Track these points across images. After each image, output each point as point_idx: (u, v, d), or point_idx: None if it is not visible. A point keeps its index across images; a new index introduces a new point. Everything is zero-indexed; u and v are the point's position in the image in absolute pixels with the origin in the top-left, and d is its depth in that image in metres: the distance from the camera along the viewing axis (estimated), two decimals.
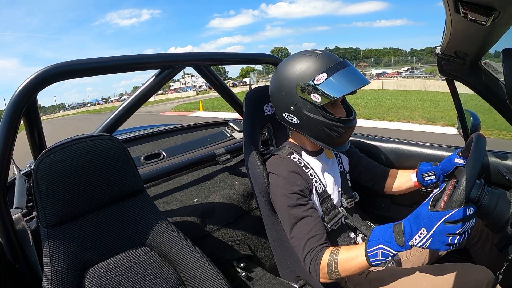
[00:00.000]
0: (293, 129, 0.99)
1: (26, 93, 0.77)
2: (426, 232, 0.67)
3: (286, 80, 0.92)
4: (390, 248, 0.72)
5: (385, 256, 0.73)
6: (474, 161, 0.79)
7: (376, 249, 0.74)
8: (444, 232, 0.65)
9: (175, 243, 0.83)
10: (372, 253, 0.75)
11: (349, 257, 0.80)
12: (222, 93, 1.44)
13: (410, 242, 0.69)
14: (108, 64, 0.92)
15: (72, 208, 0.73)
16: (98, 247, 0.76)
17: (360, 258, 0.77)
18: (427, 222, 0.67)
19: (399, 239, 0.71)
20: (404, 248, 0.70)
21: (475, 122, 1.14)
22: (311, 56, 0.91)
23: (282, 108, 0.96)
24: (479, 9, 0.61)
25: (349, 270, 0.80)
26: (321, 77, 0.86)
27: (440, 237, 0.65)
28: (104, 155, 0.77)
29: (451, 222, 0.65)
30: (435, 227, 0.66)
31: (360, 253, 0.77)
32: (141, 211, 0.84)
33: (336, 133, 0.92)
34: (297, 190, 0.92)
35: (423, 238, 0.67)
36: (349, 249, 0.82)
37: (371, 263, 0.75)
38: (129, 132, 2.21)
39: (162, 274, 0.78)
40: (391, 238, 0.72)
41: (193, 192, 1.28)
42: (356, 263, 0.78)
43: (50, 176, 0.70)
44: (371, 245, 0.75)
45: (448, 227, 0.65)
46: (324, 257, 0.84)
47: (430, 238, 0.66)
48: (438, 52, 1.04)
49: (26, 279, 0.84)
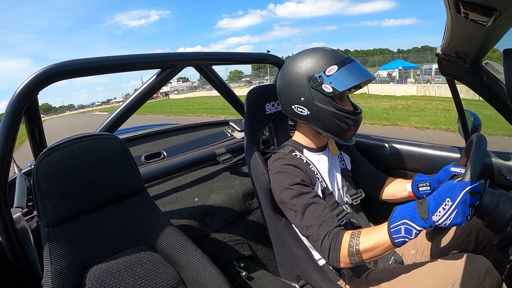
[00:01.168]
0: (302, 122, 0.99)
1: (26, 93, 0.77)
2: (451, 203, 0.67)
3: (296, 73, 0.94)
4: (413, 223, 0.71)
5: (409, 232, 0.72)
6: (475, 161, 0.79)
7: (399, 225, 0.73)
8: (467, 203, 0.66)
9: (176, 243, 0.83)
10: (395, 229, 0.73)
11: (371, 236, 0.78)
12: (223, 93, 1.44)
13: (434, 216, 0.69)
14: (108, 64, 0.92)
15: (73, 207, 0.73)
16: (99, 247, 0.76)
17: (383, 236, 0.75)
18: (452, 192, 0.68)
19: (423, 213, 0.70)
20: (427, 223, 0.70)
21: (476, 122, 1.14)
22: (320, 51, 0.95)
23: (292, 100, 0.97)
24: (480, 9, 0.61)
25: (372, 251, 0.78)
26: (332, 68, 0.90)
27: (464, 208, 0.66)
28: (105, 154, 0.77)
29: (474, 192, 0.66)
30: (461, 195, 0.66)
31: (383, 231, 0.76)
32: (142, 211, 0.84)
33: (346, 125, 0.94)
34: (298, 181, 0.92)
35: (447, 210, 0.67)
36: (371, 230, 0.81)
37: (394, 240, 0.73)
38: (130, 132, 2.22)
39: (162, 274, 0.78)
40: (415, 213, 0.71)
41: (194, 192, 1.28)
42: (378, 242, 0.76)
43: (51, 175, 0.70)
44: (394, 220, 0.74)
45: (471, 198, 0.66)
46: (344, 239, 0.83)
47: (455, 209, 0.66)
48: (439, 52, 1.04)
49: (26, 278, 0.84)
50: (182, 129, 1.89)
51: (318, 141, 1.06)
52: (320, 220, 0.88)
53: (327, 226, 0.86)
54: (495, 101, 1.04)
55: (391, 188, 1.16)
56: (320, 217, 0.88)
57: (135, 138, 1.66)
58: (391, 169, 1.43)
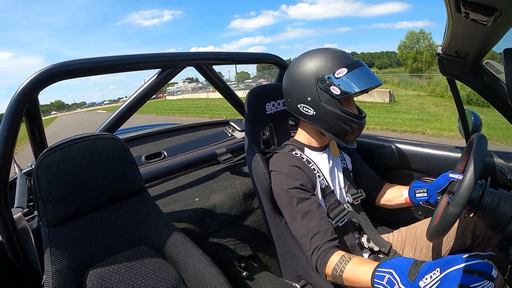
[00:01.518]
0: (306, 121, 0.99)
1: (27, 93, 0.77)
2: (438, 274, 0.57)
3: (304, 72, 0.95)
4: (398, 277, 0.64)
5: (391, 284, 0.65)
6: (475, 161, 0.79)
7: (385, 272, 0.68)
8: (456, 281, 0.53)
9: (176, 243, 0.83)
10: (379, 273, 0.69)
11: (357, 269, 0.76)
12: (223, 93, 1.44)
13: (421, 281, 0.59)
14: (109, 64, 0.92)
15: (73, 207, 0.73)
16: (99, 247, 0.76)
17: (367, 275, 0.72)
18: (445, 263, 0.57)
19: (412, 273, 0.63)
20: (411, 286, 0.61)
21: (476, 122, 1.14)
22: (330, 52, 0.95)
23: (298, 99, 0.97)
24: (480, 9, 0.60)
25: (352, 283, 0.78)
26: (342, 71, 0.90)
27: (449, 286, 0.54)
28: (105, 154, 0.77)
29: (470, 271, 0.53)
30: (450, 269, 0.55)
31: (369, 270, 0.72)
32: (142, 211, 0.84)
33: (350, 128, 0.94)
34: (298, 185, 0.93)
35: (432, 280, 0.57)
36: (362, 262, 0.78)
37: (374, 283, 0.69)
38: (130, 132, 2.22)
39: (163, 274, 0.78)
40: (405, 268, 0.65)
41: (194, 192, 1.28)
42: (360, 278, 0.74)
43: (51, 176, 0.70)
44: (383, 266, 0.70)
45: (465, 277, 0.53)
46: (332, 259, 0.83)
47: (437, 282, 0.56)
48: (439, 52, 1.04)
49: (27, 278, 0.84)
50: (183, 129, 1.89)
51: (320, 140, 1.06)
52: (314, 231, 0.88)
53: (319, 239, 0.87)
54: (496, 101, 1.04)
55: (388, 193, 1.16)
56: (314, 228, 0.88)
57: (135, 138, 1.66)
58: (392, 169, 1.43)
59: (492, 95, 1.04)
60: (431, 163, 1.31)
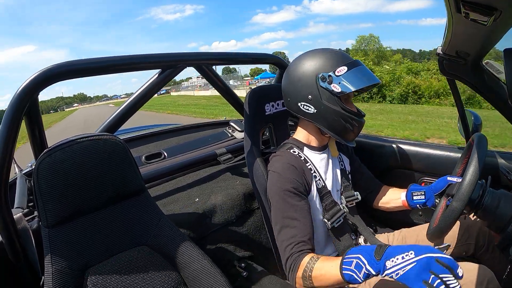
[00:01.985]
0: (307, 120, 1.00)
1: (27, 93, 0.77)
2: (413, 256, 0.60)
3: (305, 71, 0.95)
4: (365, 260, 0.66)
5: (358, 268, 0.67)
6: (476, 160, 0.79)
7: (353, 258, 0.69)
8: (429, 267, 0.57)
9: (176, 243, 0.83)
10: (347, 260, 0.70)
11: (325, 264, 0.76)
12: (223, 93, 1.44)
13: (388, 261, 0.62)
14: (109, 64, 0.92)
15: (73, 208, 0.73)
16: (99, 247, 0.76)
17: (335, 266, 0.72)
18: (420, 248, 0.61)
19: (378, 253, 0.65)
20: (378, 264, 0.64)
21: (476, 122, 1.14)
22: (329, 51, 0.96)
23: (298, 98, 0.97)
24: (480, 9, 0.61)
25: (321, 280, 0.76)
26: (342, 69, 0.91)
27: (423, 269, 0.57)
28: (105, 154, 0.77)
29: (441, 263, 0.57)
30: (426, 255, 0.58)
31: (336, 262, 0.72)
32: (142, 211, 0.84)
33: (350, 126, 0.95)
34: (290, 188, 0.92)
35: (405, 261, 0.60)
36: (330, 259, 0.78)
37: (342, 270, 0.70)
38: (130, 132, 2.22)
39: (163, 274, 0.78)
40: (371, 251, 0.67)
41: (194, 192, 1.28)
42: (329, 271, 0.74)
43: (51, 176, 0.70)
44: (350, 253, 0.71)
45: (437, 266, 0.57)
46: (302, 262, 0.82)
47: (413, 263, 0.59)
48: (439, 52, 1.04)
49: (27, 278, 0.84)
50: (183, 129, 1.89)
51: (320, 140, 1.06)
52: (292, 240, 0.87)
53: (293, 248, 0.86)
54: (496, 101, 1.04)
55: (386, 195, 1.16)
56: (293, 237, 0.87)
57: (135, 139, 1.66)
58: (392, 169, 1.43)
59: (492, 95, 1.04)
60: (431, 163, 1.31)
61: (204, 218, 1.17)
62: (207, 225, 1.17)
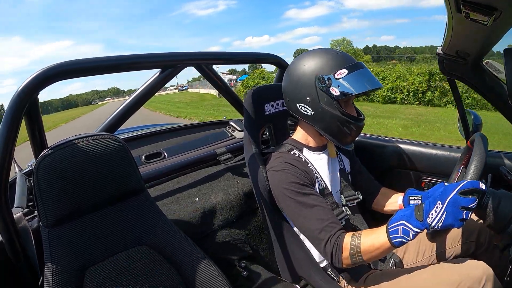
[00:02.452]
0: (305, 121, 0.99)
1: (27, 92, 0.77)
2: (441, 205, 0.68)
3: (305, 71, 0.94)
4: (410, 224, 0.73)
5: (406, 233, 0.74)
6: (476, 160, 0.79)
7: (397, 225, 0.75)
8: (458, 204, 0.66)
9: (176, 243, 0.83)
10: (393, 229, 0.76)
11: (371, 238, 0.80)
12: (223, 92, 1.45)
13: (428, 218, 0.70)
14: (109, 64, 0.92)
15: (73, 207, 0.73)
16: (99, 246, 0.76)
17: (382, 237, 0.78)
18: (442, 195, 0.69)
19: (418, 214, 0.73)
20: (423, 225, 0.72)
21: (476, 122, 1.14)
22: (331, 52, 0.94)
23: (297, 98, 0.97)
24: (480, 8, 0.61)
25: (372, 252, 0.81)
26: (342, 72, 0.89)
27: (454, 209, 0.66)
28: (105, 154, 0.77)
29: (465, 193, 0.66)
30: (449, 197, 0.67)
31: (382, 232, 0.78)
32: (142, 211, 0.84)
33: (347, 129, 0.94)
34: (297, 180, 0.92)
35: (438, 213, 0.68)
36: (371, 231, 0.83)
37: (392, 240, 0.76)
38: (130, 132, 2.22)
39: (162, 274, 0.78)
40: (412, 215, 0.74)
41: (194, 192, 1.28)
42: (378, 243, 0.79)
43: (51, 176, 0.70)
44: (392, 221, 0.77)
45: (462, 199, 0.66)
46: (345, 242, 0.84)
47: (444, 212, 0.67)
48: (439, 51, 1.04)
49: (27, 278, 0.84)
50: (183, 129, 1.89)
51: (319, 140, 1.05)
52: (322, 224, 0.88)
53: (328, 231, 0.87)
54: (496, 101, 1.04)
55: (384, 198, 1.15)
56: (322, 221, 0.88)
57: (135, 138, 1.66)
58: (393, 169, 1.43)
59: (492, 95, 1.04)
60: (432, 162, 1.31)
61: (204, 218, 1.17)
62: (207, 225, 1.17)
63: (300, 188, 0.92)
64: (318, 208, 0.90)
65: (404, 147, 1.39)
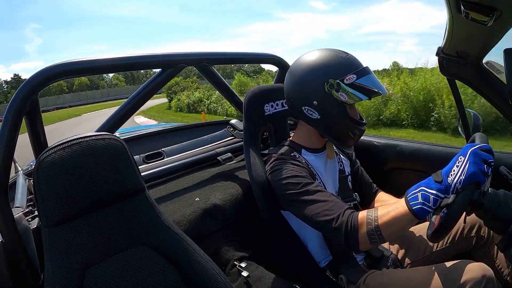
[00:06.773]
0: (308, 124, 0.99)
1: (28, 92, 0.77)
2: (463, 158, 0.70)
3: (312, 74, 0.92)
4: (429, 188, 0.72)
5: (426, 198, 0.72)
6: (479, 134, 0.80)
7: (416, 192, 0.74)
8: (480, 156, 0.69)
9: (176, 243, 0.83)
10: (412, 196, 0.74)
11: (390, 209, 0.77)
12: (223, 92, 1.45)
13: (449, 177, 0.71)
14: (109, 64, 0.92)
15: (73, 207, 0.73)
16: (99, 247, 0.76)
17: (401, 208, 0.75)
18: (463, 151, 0.72)
19: (437, 177, 0.73)
20: (443, 184, 0.71)
21: (477, 122, 1.14)
22: (340, 55, 0.93)
23: (303, 101, 0.95)
24: (481, 8, 0.61)
25: (392, 226, 0.77)
26: (351, 77, 0.89)
27: (477, 159, 0.69)
28: (105, 154, 0.76)
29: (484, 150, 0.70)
30: (471, 149, 0.70)
31: (399, 203, 0.77)
32: (142, 211, 0.84)
33: (352, 134, 0.95)
34: (298, 174, 0.92)
35: (460, 166, 0.70)
36: (388, 205, 0.80)
37: (412, 207, 0.73)
38: (130, 132, 2.22)
39: (163, 274, 0.78)
40: (430, 179, 0.74)
41: (194, 192, 1.28)
42: (397, 214, 0.75)
43: (51, 175, 0.70)
44: (411, 190, 0.76)
45: (482, 153, 0.69)
46: (361, 217, 0.80)
47: (467, 162, 0.69)
48: (439, 51, 1.04)
49: (27, 278, 0.84)
50: (183, 129, 1.89)
51: (318, 142, 1.05)
52: (328, 204, 0.85)
53: (337, 209, 0.84)
54: (496, 101, 1.04)
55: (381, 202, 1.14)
56: (328, 202, 0.85)
57: (135, 138, 1.66)
58: (393, 169, 1.43)
59: (492, 95, 1.04)
60: (432, 163, 1.31)
61: (204, 218, 1.17)
62: (207, 225, 1.17)
63: (301, 179, 0.91)
64: (321, 193, 0.88)
65: (403, 147, 1.39)
